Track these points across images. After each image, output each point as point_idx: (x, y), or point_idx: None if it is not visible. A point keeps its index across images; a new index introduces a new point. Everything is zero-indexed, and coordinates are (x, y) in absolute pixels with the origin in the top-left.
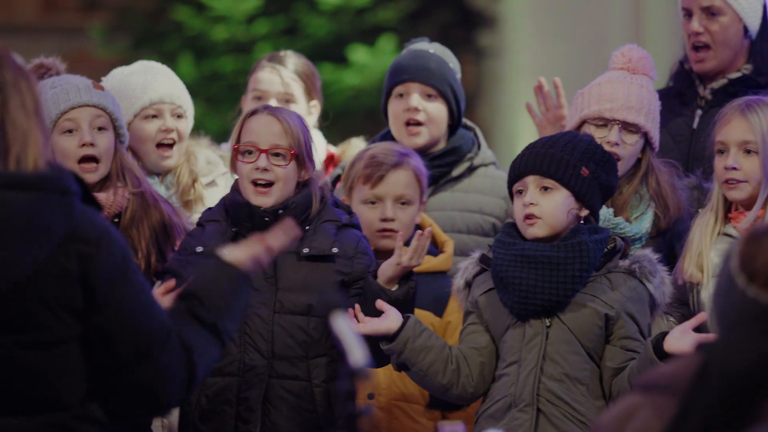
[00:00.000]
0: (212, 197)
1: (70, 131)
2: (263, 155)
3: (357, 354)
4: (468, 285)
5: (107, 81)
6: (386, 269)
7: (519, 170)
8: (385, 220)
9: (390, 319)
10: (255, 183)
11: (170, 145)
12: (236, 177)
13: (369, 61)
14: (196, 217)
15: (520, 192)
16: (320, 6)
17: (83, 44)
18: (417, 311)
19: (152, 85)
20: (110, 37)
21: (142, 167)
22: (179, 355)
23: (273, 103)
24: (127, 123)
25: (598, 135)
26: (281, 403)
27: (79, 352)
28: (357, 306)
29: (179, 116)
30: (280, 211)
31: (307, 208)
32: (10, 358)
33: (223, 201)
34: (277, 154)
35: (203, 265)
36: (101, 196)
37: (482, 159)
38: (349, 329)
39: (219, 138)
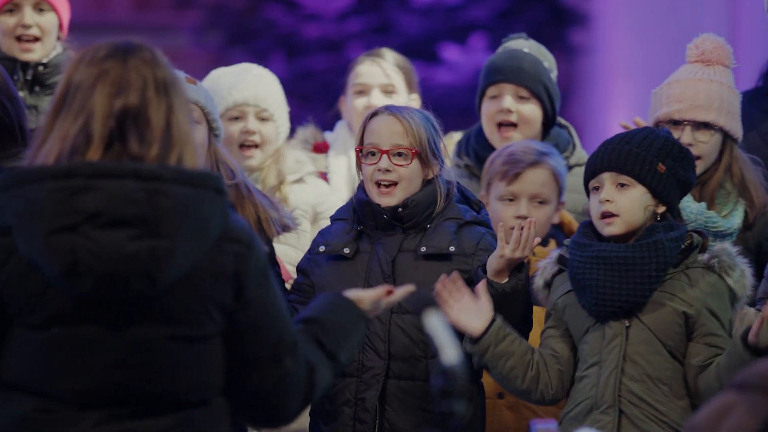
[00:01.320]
0: (299, 194)
1: None
2: (385, 156)
3: (450, 352)
4: (547, 285)
5: (206, 80)
6: (491, 262)
7: (595, 167)
8: (519, 217)
9: (478, 318)
10: (378, 184)
11: (252, 147)
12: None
13: (460, 59)
14: None
15: (596, 189)
16: (412, 4)
17: (175, 42)
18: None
19: (238, 87)
20: (202, 36)
21: None
22: (304, 369)
23: (375, 94)
24: None
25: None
26: (398, 404)
27: (221, 348)
28: (446, 282)
29: (264, 119)
30: (400, 210)
31: (430, 206)
32: (159, 349)
33: (351, 199)
34: (399, 154)
35: (327, 296)
36: None
37: (577, 159)
38: (443, 327)
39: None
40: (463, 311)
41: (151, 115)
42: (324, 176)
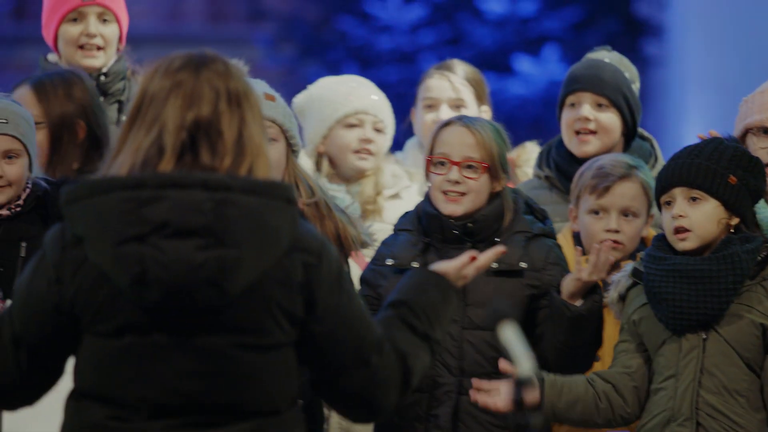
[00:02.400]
0: (394, 210)
1: None
2: (455, 168)
3: (525, 365)
4: (622, 298)
5: (314, 87)
6: (567, 284)
7: (666, 182)
8: (609, 231)
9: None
10: (446, 193)
11: (368, 154)
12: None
13: (534, 71)
14: (372, 227)
15: (668, 204)
16: (485, 15)
17: (249, 55)
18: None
19: (357, 94)
20: (275, 48)
21: (335, 174)
22: (394, 360)
23: (444, 109)
24: (329, 129)
25: (762, 144)
26: (471, 420)
27: (293, 357)
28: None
29: (378, 130)
30: (469, 224)
31: (498, 220)
32: (228, 358)
33: (417, 210)
34: (469, 167)
35: (412, 275)
36: None
37: (658, 171)
38: (517, 340)
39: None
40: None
41: (223, 127)
42: None
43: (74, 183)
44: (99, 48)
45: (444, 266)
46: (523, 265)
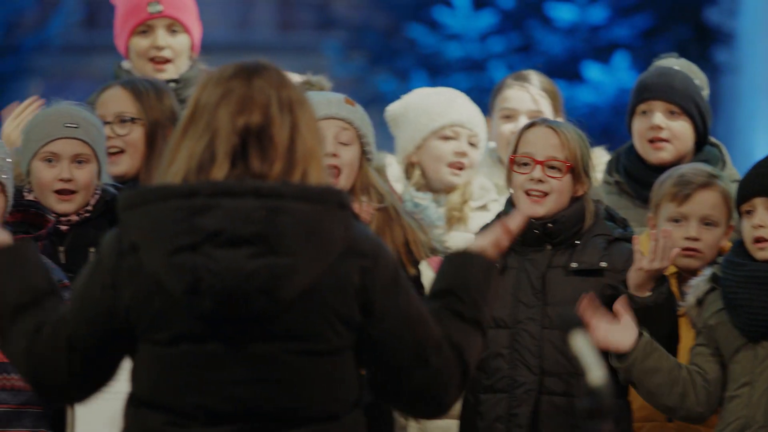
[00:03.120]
0: (480, 221)
1: None
2: (539, 167)
3: (596, 372)
4: (699, 303)
5: (411, 96)
6: (632, 276)
7: (746, 191)
8: (689, 239)
9: (624, 335)
10: (528, 193)
11: (461, 167)
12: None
13: (603, 79)
14: (455, 235)
15: (748, 212)
16: (555, 23)
17: (319, 62)
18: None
19: (455, 107)
20: (345, 55)
21: (425, 185)
22: (452, 356)
23: (522, 121)
24: (423, 139)
25: None
26: (551, 420)
27: (351, 362)
28: (587, 304)
29: (472, 144)
30: (550, 225)
31: (578, 222)
32: (283, 364)
33: (498, 216)
34: (552, 167)
35: (451, 260)
36: None
37: (727, 176)
38: (588, 347)
39: None
40: (609, 330)
41: (274, 132)
42: None
43: (131, 190)
44: (168, 61)
45: (481, 244)
46: (603, 264)
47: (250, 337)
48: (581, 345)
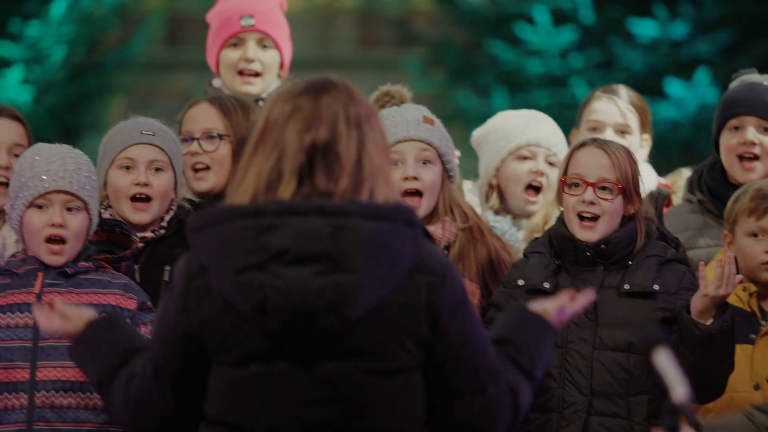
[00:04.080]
0: None
1: (395, 163)
2: (590, 188)
3: (679, 391)
4: None
5: (492, 120)
6: (696, 302)
7: None
8: None
9: None
10: (581, 216)
11: (538, 189)
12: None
13: (685, 94)
14: None
15: None
16: (636, 39)
17: (399, 79)
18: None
19: (531, 127)
20: (425, 72)
21: (503, 209)
22: (507, 395)
23: (609, 133)
24: (501, 161)
25: None
26: None
27: (420, 381)
28: None
29: (551, 164)
30: (602, 246)
31: (631, 243)
32: (353, 384)
33: (549, 232)
34: (603, 188)
35: (513, 314)
36: (430, 229)
37: None
38: (672, 366)
39: None
40: None
41: (340, 149)
42: None
43: (199, 212)
44: (257, 74)
45: (544, 306)
46: (655, 287)
47: (319, 356)
48: (664, 363)
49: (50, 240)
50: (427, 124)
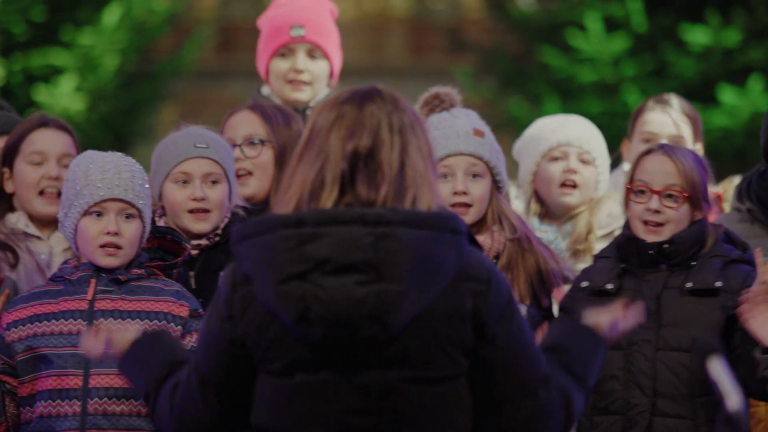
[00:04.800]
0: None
1: (445, 176)
2: (656, 197)
3: (734, 398)
4: None
5: (529, 128)
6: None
7: None
8: None
9: None
10: (646, 222)
11: (572, 186)
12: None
13: (738, 102)
14: (581, 266)
15: None
16: (689, 47)
17: (450, 86)
18: None
19: (562, 128)
20: (477, 79)
21: (545, 213)
22: (559, 400)
23: None
24: (536, 164)
25: None
26: None
27: (466, 388)
28: (750, 295)
29: (585, 162)
30: (666, 246)
31: (695, 245)
32: (398, 393)
33: (617, 238)
34: (669, 196)
35: (564, 325)
36: (479, 239)
37: None
38: (726, 373)
39: None
40: (764, 323)
41: (382, 157)
42: None
43: (243, 223)
44: (306, 83)
45: (597, 319)
46: (718, 284)
47: (362, 366)
48: (719, 371)
49: (105, 247)
50: (477, 137)
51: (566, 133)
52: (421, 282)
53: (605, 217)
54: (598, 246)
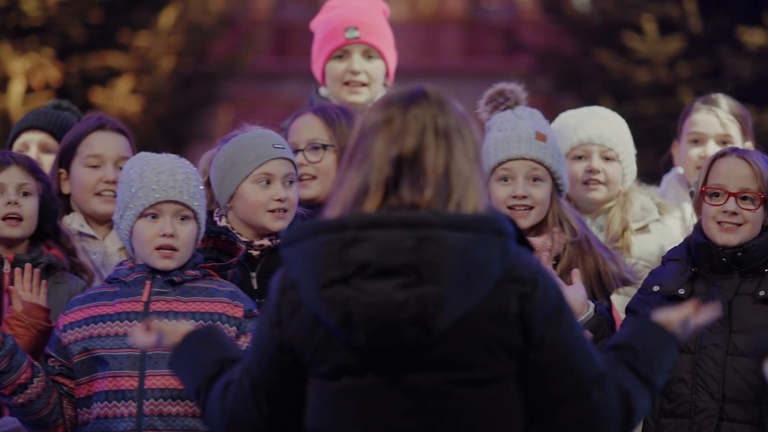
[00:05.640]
0: (643, 244)
1: (505, 179)
2: (731, 199)
3: None
4: None
5: (554, 122)
6: None
7: None
8: None
9: None
10: (720, 223)
11: (597, 183)
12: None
13: None
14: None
15: None
16: (745, 47)
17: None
18: None
19: (584, 126)
20: (532, 81)
21: (573, 206)
22: (617, 397)
23: (711, 145)
24: None
25: None
26: None
27: (515, 390)
28: None
29: (609, 158)
30: (739, 253)
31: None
32: (444, 395)
33: (687, 240)
34: (745, 198)
35: (634, 322)
36: (538, 240)
37: None
38: None
39: (642, 181)
40: None
41: (427, 160)
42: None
43: (289, 228)
44: (363, 84)
45: (668, 316)
46: None
47: (407, 368)
48: None
49: (161, 250)
50: (539, 141)
51: (587, 132)
52: (464, 284)
53: (639, 210)
54: (635, 240)
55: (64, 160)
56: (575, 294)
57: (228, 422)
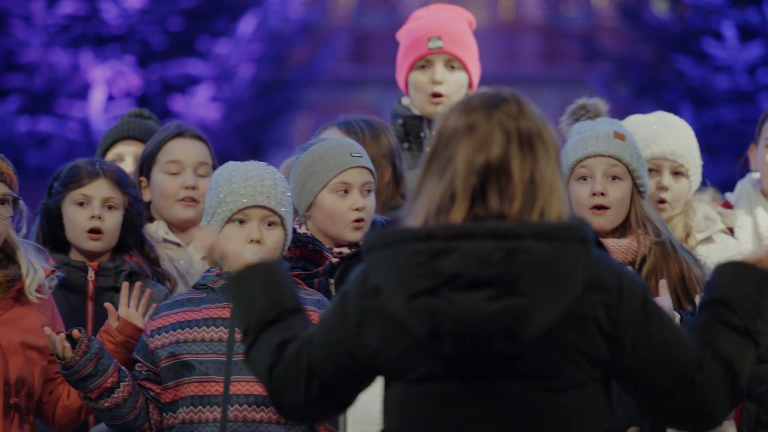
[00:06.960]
0: (707, 254)
1: (584, 178)
2: None
3: None
4: None
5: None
6: None
7: None
8: None
9: None
10: None
11: (663, 202)
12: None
13: None
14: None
15: None
16: None
17: (584, 94)
18: None
19: (657, 140)
20: (611, 88)
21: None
22: (719, 371)
23: None
24: None
25: None
26: None
27: (599, 393)
28: None
29: (679, 173)
30: None
31: None
32: (525, 400)
33: None
34: None
35: (722, 271)
36: (623, 242)
37: None
38: None
39: (721, 189)
40: None
41: (513, 169)
42: (731, 232)
43: (374, 232)
44: (444, 95)
45: (753, 256)
46: None
47: (492, 377)
48: None
49: None
50: (617, 139)
51: (661, 147)
52: (551, 294)
53: (702, 220)
54: (699, 251)
55: (144, 168)
56: (662, 304)
57: (273, 384)
